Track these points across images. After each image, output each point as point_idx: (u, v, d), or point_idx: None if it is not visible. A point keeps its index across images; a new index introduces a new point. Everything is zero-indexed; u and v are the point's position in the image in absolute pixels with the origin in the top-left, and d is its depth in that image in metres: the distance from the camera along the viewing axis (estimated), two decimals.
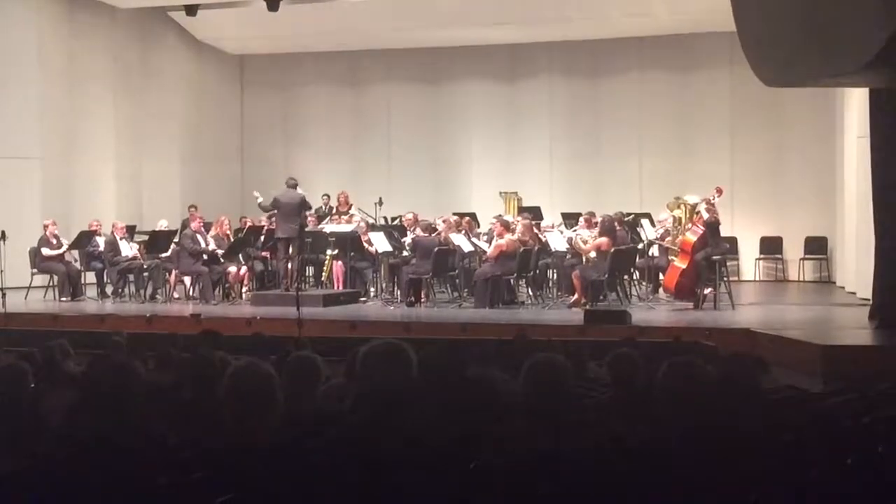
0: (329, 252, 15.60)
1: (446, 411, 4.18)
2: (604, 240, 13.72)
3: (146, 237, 16.38)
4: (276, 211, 15.08)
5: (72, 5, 18.37)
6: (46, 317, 13.46)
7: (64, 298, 15.20)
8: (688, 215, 14.51)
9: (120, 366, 4.33)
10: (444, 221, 15.48)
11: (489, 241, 14.64)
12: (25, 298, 15.26)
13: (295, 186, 14.88)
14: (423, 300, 14.54)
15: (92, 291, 15.87)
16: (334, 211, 17.31)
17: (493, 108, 21.07)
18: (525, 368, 4.34)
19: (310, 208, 15.62)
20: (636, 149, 20.20)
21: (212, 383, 4.78)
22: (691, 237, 13.49)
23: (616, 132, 20.25)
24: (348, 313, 13.54)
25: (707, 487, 3.66)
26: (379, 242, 15.07)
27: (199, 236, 15.20)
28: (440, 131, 21.40)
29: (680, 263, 13.50)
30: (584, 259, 14.09)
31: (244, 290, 15.53)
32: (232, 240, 15.88)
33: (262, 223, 16.47)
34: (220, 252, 15.25)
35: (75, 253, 16.03)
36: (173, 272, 15.37)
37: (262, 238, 15.92)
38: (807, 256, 18.99)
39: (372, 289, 15.69)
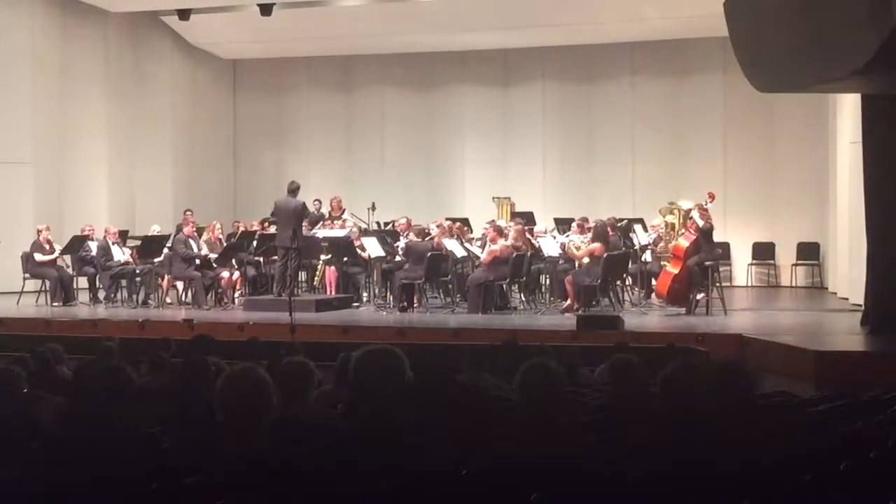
0: (322, 257, 15.58)
1: (438, 416, 4.18)
2: (597, 245, 13.73)
3: (139, 242, 16.34)
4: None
5: (64, 10, 18.35)
6: (39, 322, 13.44)
7: (56, 303, 15.17)
8: (681, 221, 14.52)
9: (111, 370, 4.32)
10: (438, 226, 15.48)
11: (482, 247, 14.64)
12: (17, 303, 15.22)
13: (295, 192, 14.74)
14: (415, 305, 14.52)
15: (84, 296, 15.83)
16: (327, 216, 17.29)
17: (487, 112, 21.08)
18: (519, 373, 4.34)
19: (307, 216, 15.49)
20: (629, 154, 20.22)
21: (204, 388, 4.78)
22: (684, 243, 13.50)
23: (609, 137, 20.29)
24: (341, 318, 13.52)
25: (700, 492, 3.66)
26: (372, 247, 15.05)
27: (191, 241, 15.19)
28: (433, 136, 21.40)
29: (672, 269, 13.52)
30: (576, 264, 14.10)
31: (237, 295, 15.51)
32: (224, 244, 15.86)
33: (255, 227, 16.45)
34: (212, 257, 15.24)
35: (67, 258, 16.00)
36: (166, 277, 15.36)
37: (255, 242, 15.91)
38: (799, 262, 19.02)
39: (364, 294, 15.68)
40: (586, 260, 13.82)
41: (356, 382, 4.20)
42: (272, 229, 15.69)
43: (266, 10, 17.47)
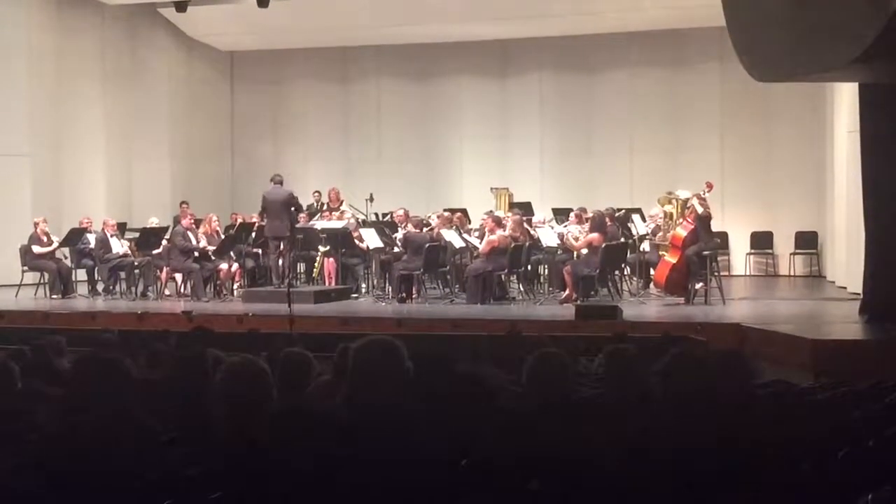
0: (320, 248, 15.58)
1: (438, 407, 4.18)
2: (595, 235, 13.73)
3: (137, 234, 16.34)
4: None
5: (60, 2, 18.31)
6: (37, 314, 13.44)
7: (55, 296, 15.18)
8: (679, 210, 14.52)
9: (110, 362, 4.32)
10: (438, 217, 15.49)
11: (480, 238, 14.63)
12: (16, 296, 15.22)
13: (280, 183, 14.86)
14: (414, 296, 14.53)
15: (83, 289, 15.83)
16: (325, 207, 17.28)
17: (484, 104, 21.06)
18: (528, 365, 4.34)
19: (300, 207, 15.55)
20: (627, 144, 20.22)
21: (203, 380, 4.78)
22: (682, 232, 13.49)
23: (606, 128, 20.28)
24: (339, 310, 13.53)
25: (699, 482, 3.66)
26: (370, 238, 15.06)
27: (190, 233, 15.19)
28: (431, 127, 21.38)
29: (671, 258, 13.52)
30: (575, 255, 14.10)
31: (235, 286, 15.52)
32: (221, 236, 15.86)
33: (254, 219, 16.45)
34: (210, 249, 15.23)
35: (66, 250, 15.99)
36: (164, 269, 15.35)
37: (254, 234, 15.91)
38: (797, 251, 19.03)
39: (363, 285, 15.68)
40: (585, 250, 13.83)
41: (355, 373, 4.20)
42: None
43: (263, 1, 17.44)
